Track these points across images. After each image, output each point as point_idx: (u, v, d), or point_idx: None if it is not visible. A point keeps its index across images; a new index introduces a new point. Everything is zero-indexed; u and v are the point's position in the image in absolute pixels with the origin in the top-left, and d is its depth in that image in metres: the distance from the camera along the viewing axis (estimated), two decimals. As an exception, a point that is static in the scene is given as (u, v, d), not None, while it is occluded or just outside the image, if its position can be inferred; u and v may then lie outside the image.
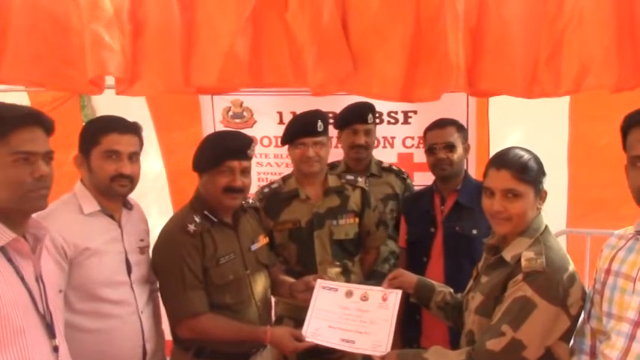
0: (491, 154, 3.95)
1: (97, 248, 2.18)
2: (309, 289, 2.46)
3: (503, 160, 2.02)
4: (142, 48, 2.28)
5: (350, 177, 2.97)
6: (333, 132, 3.82)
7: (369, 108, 3.20)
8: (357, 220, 2.89)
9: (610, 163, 3.67)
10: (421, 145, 3.83)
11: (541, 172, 2.02)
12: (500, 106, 3.77)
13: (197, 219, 2.33)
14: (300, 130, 2.75)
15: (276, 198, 2.86)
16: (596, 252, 1.95)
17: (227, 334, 2.31)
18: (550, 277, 1.88)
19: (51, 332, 1.69)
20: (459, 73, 2.14)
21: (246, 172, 2.39)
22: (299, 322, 2.45)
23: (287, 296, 2.64)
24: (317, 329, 2.31)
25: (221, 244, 2.38)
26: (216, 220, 2.39)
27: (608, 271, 1.78)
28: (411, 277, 2.39)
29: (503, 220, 2.01)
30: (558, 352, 1.93)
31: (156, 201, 4.10)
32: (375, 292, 2.36)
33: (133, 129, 2.29)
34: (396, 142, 3.90)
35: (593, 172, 3.76)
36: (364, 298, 2.35)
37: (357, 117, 3.16)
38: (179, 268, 2.27)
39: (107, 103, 3.97)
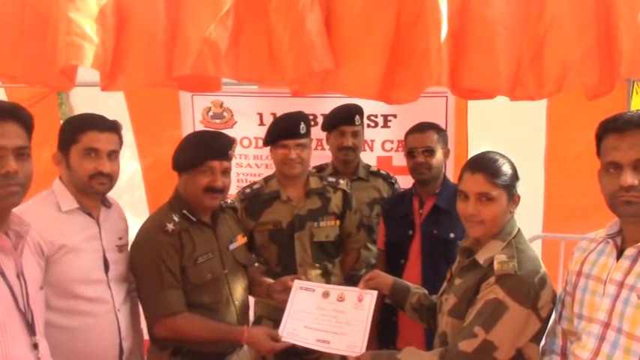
0: (470, 154, 3.99)
1: (74, 245, 2.17)
2: (287, 290, 2.48)
3: (478, 164, 2.07)
4: (124, 41, 2.29)
5: (331, 179, 3.00)
6: (315, 134, 3.92)
7: (356, 110, 3.24)
8: (337, 222, 2.92)
9: (585, 171, 3.77)
10: (400, 149, 3.92)
11: (514, 176, 2.07)
12: (479, 112, 3.86)
13: (176, 218, 2.35)
14: (283, 131, 2.76)
15: (257, 199, 2.88)
16: (571, 257, 2.01)
17: (204, 333, 2.32)
18: (521, 280, 1.93)
19: (31, 329, 1.69)
20: (441, 73, 2.17)
21: (226, 172, 2.41)
22: (278, 323, 2.47)
23: (264, 296, 2.67)
24: (294, 329, 2.33)
25: (199, 243, 2.39)
26: (195, 219, 2.40)
27: (579, 274, 1.84)
28: (387, 279, 2.43)
29: (476, 223, 2.05)
30: (529, 354, 1.98)
31: (131, 202, 4.11)
32: (351, 292, 2.39)
33: (113, 127, 2.29)
34: (376, 146, 3.95)
35: (568, 180, 3.85)
36: (340, 299, 2.38)
37: (345, 119, 3.20)
38: (157, 267, 2.28)
39: (85, 101, 3.97)
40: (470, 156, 3.83)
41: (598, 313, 1.71)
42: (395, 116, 3.92)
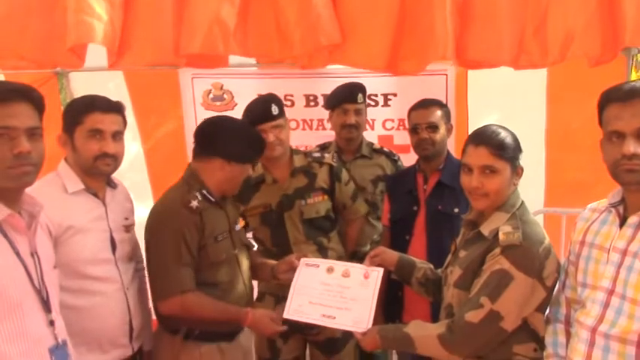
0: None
1: (81, 226, 2.19)
2: (292, 269, 2.50)
3: (482, 137, 2.09)
4: (132, 19, 2.29)
5: (316, 154, 3.00)
6: (316, 114, 3.93)
7: (359, 88, 3.25)
8: (325, 197, 2.93)
9: (586, 145, 3.80)
10: (401, 127, 3.92)
11: (517, 149, 2.09)
12: (479, 88, 3.86)
13: (199, 196, 2.36)
14: (256, 117, 2.74)
15: (245, 184, 2.83)
16: (572, 231, 2.03)
17: (211, 313, 2.35)
18: (527, 250, 1.95)
19: (47, 307, 1.71)
20: (446, 44, 2.19)
21: None
22: (280, 299, 2.55)
23: (269, 278, 2.69)
24: (299, 306, 2.35)
25: (217, 222, 2.42)
26: (213, 200, 2.42)
27: (582, 243, 1.86)
28: (392, 255, 2.45)
29: (480, 196, 2.07)
30: (534, 323, 2.02)
31: (134, 185, 4.10)
32: (356, 269, 2.40)
33: (116, 108, 2.30)
34: (376, 125, 3.94)
35: (569, 154, 3.87)
36: (345, 275, 2.40)
37: (347, 97, 3.21)
38: (177, 243, 2.29)
39: (85, 86, 3.96)
40: (470, 132, 3.89)
41: (602, 280, 1.73)
42: (395, 95, 3.91)
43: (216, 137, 2.41)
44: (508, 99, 3.82)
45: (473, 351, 2.02)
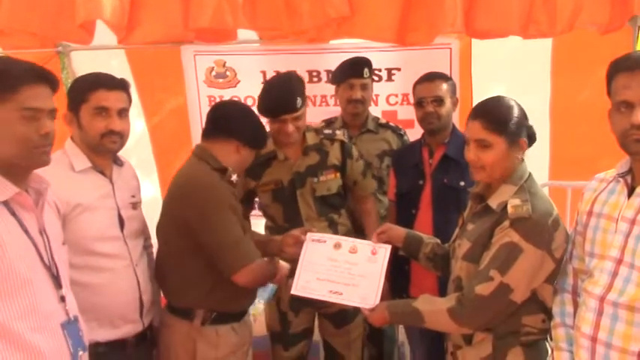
0: None
1: (89, 204, 2.20)
2: (299, 243, 2.50)
3: (478, 111, 2.10)
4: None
5: (328, 131, 2.98)
6: (319, 90, 3.90)
7: (364, 62, 3.23)
8: (337, 174, 2.92)
9: (591, 117, 3.79)
10: (405, 102, 3.90)
11: (517, 122, 2.06)
12: (484, 62, 3.83)
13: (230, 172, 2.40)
14: (280, 108, 2.70)
15: (256, 160, 2.82)
16: (577, 204, 2.03)
17: (268, 275, 2.45)
18: (536, 222, 1.95)
19: (57, 283, 1.73)
20: (455, 14, 2.18)
21: None
22: (292, 273, 2.52)
23: (278, 253, 2.68)
24: (306, 282, 2.34)
25: (235, 199, 2.44)
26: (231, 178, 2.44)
27: (590, 213, 1.86)
28: (400, 231, 2.45)
29: (478, 168, 2.09)
30: (543, 294, 2.03)
31: (139, 162, 4.11)
32: (364, 245, 2.39)
33: (121, 85, 2.30)
34: (380, 100, 3.91)
35: (574, 127, 3.85)
36: (353, 251, 2.38)
37: (354, 71, 3.19)
38: (235, 216, 2.31)
39: (87, 65, 3.94)
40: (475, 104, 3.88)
41: (610, 250, 1.74)
42: (399, 69, 3.88)
43: (236, 120, 2.41)
44: (512, 72, 3.80)
45: (483, 323, 2.04)
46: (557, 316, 1.97)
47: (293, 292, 2.35)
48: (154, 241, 2.52)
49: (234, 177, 2.36)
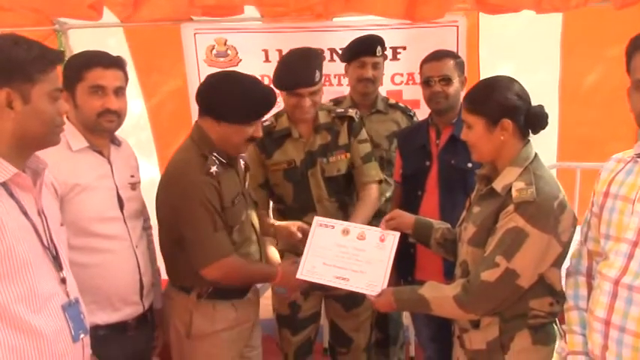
0: None
1: (87, 184, 2.18)
2: (291, 236, 2.55)
3: (468, 92, 2.15)
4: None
5: (340, 110, 2.94)
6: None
7: (377, 40, 3.18)
8: (347, 155, 2.88)
9: (600, 98, 3.76)
10: (411, 82, 3.89)
11: (499, 102, 2.03)
12: (492, 40, 3.81)
13: (216, 160, 2.31)
14: (298, 81, 2.65)
15: (269, 137, 2.82)
16: (586, 185, 2.00)
17: (247, 274, 2.38)
18: (541, 206, 1.93)
19: (57, 264, 1.71)
20: None
21: None
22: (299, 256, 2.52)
23: (270, 235, 2.72)
24: (313, 267, 2.33)
25: (231, 185, 2.38)
26: (225, 161, 2.36)
27: (606, 194, 1.81)
28: (409, 218, 2.42)
29: (471, 149, 2.14)
30: (550, 277, 2.01)
31: (138, 144, 4.08)
32: (372, 232, 2.37)
33: (117, 63, 2.26)
34: (385, 80, 3.76)
35: (583, 107, 3.84)
36: (361, 237, 2.37)
37: (366, 49, 3.14)
38: (209, 211, 2.26)
39: (84, 43, 3.89)
40: None
41: (627, 232, 1.69)
42: (404, 48, 3.84)
43: (207, 95, 2.34)
44: (521, 50, 3.76)
45: (490, 310, 2.03)
46: (570, 299, 1.94)
47: (299, 276, 2.34)
48: (154, 222, 2.49)
49: (213, 168, 2.27)
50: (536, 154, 2.08)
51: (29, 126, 1.63)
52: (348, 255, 2.34)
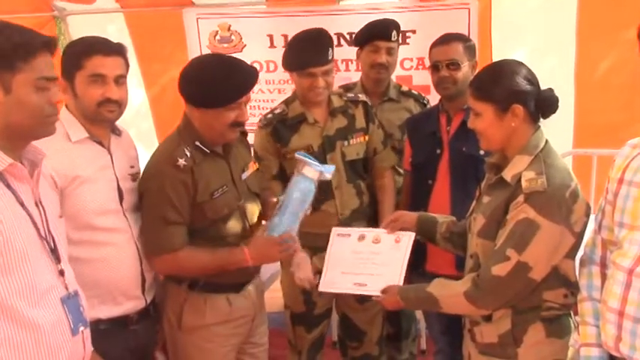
0: None
1: (87, 176, 2.17)
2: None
3: (471, 79, 2.15)
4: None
5: (350, 94, 2.95)
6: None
7: (393, 24, 3.13)
8: (366, 137, 2.91)
9: (617, 82, 3.73)
10: (421, 67, 3.88)
11: (507, 87, 2.02)
12: (504, 23, 3.78)
13: (188, 152, 2.28)
14: (310, 59, 2.66)
15: (283, 124, 2.81)
16: (602, 172, 1.98)
17: (207, 265, 2.32)
18: (552, 196, 1.91)
19: (55, 256, 1.71)
20: None
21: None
22: (317, 250, 2.61)
23: None
24: (332, 277, 2.40)
25: (214, 176, 2.35)
26: (208, 151, 2.34)
27: (620, 181, 1.80)
28: (411, 216, 2.44)
29: (479, 137, 2.13)
30: (564, 268, 2.00)
31: (139, 134, 4.09)
32: (387, 235, 2.43)
33: (118, 50, 2.23)
34: None
35: (600, 92, 3.81)
36: (376, 241, 2.43)
37: (380, 33, 3.09)
38: (162, 202, 2.26)
39: (84, 30, 3.90)
40: None
41: (641, 220, 1.69)
42: (414, 32, 3.83)
43: (182, 80, 2.32)
44: (535, 34, 3.73)
45: (502, 304, 2.03)
46: (583, 290, 1.93)
47: (321, 289, 2.41)
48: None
49: (181, 161, 2.25)
50: (546, 140, 2.06)
51: (13, 117, 1.60)
52: (364, 260, 2.39)
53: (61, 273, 1.72)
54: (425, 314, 3.18)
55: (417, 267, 2.79)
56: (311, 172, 2.38)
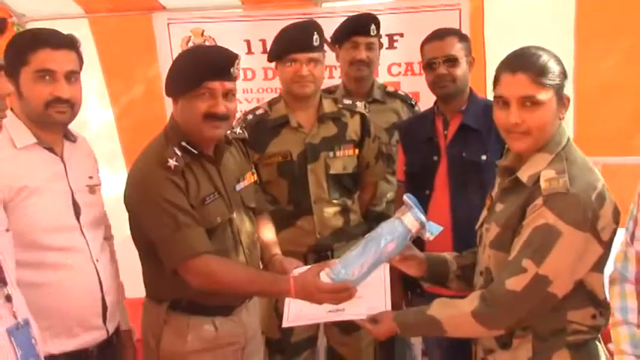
0: (489, 76, 3.80)
1: (36, 187, 1.99)
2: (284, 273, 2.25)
3: (519, 62, 1.81)
4: None
5: (347, 101, 2.82)
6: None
7: (371, 18, 3.05)
8: (356, 151, 2.78)
9: (618, 87, 3.59)
10: (409, 73, 3.76)
11: (563, 74, 1.82)
12: (498, 24, 3.67)
13: (178, 152, 2.11)
14: (293, 44, 2.58)
15: (262, 127, 2.67)
16: (608, 183, 1.78)
17: (242, 280, 2.10)
18: (575, 198, 1.71)
19: (1, 279, 1.52)
20: None
21: (230, 94, 2.13)
22: (321, 258, 2.56)
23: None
24: (300, 310, 2.09)
25: (203, 181, 2.16)
26: (196, 152, 2.16)
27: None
28: (419, 260, 2.13)
29: (520, 134, 1.81)
30: (591, 283, 1.78)
31: (104, 155, 3.87)
32: None
33: (70, 43, 2.07)
34: (381, 70, 3.70)
35: (601, 97, 3.67)
36: None
37: (358, 28, 3.00)
38: (164, 207, 2.05)
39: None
40: (488, 73, 3.65)
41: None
42: (401, 35, 3.71)
43: (167, 74, 2.19)
44: (531, 37, 3.54)
45: (516, 322, 1.80)
46: (617, 312, 1.77)
47: (285, 325, 2.11)
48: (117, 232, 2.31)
49: (171, 161, 2.07)
50: (569, 137, 1.86)
51: None
52: None
53: (8, 298, 1.52)
54: (424, 340, 2.97)
55: (415, 286, 2.64)
56: (411, 221, 2.02)
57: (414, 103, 3.24)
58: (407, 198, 2.01)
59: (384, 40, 3.63)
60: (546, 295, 1.73)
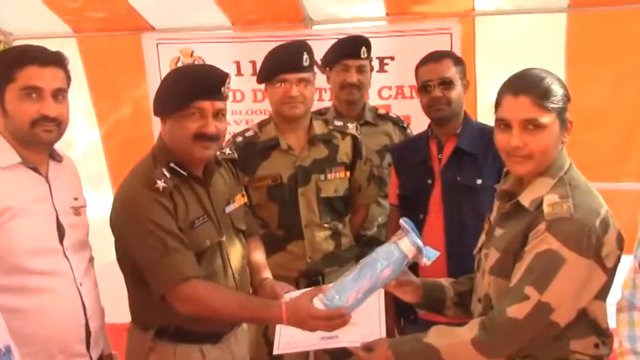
0: (479, 101, 3.81)
1: (19, 208, 1.92)
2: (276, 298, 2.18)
3: (522, 84, 1.77)
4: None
5: (338, 123, 2.78)
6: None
7: (362, 41, 3.01)
8: (348, 173, 2.73)
9: (607, 112, 3.59)
10: (400, 96, 3.78)
11: (567, 97, 1.79)
12: (489, 49, 3.70)
13: (166, 173, 2.04)
14: (282, 64, 2.54)
15: (251, 149, 2.62)
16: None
17: (232, 306, 2.01)
18: (579, 224, 1.66)
19: None
20: None
21: (220, 114, 2.07)
22: (314, 283, 2.52)
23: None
24: (291, 337, 2.02)
25: (191, 203, 2.10)
26: (185, 173, 2.09)
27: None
28: (415, 286, 2.08)
29: (522, 158, 1.77)
30: (594, 312, 1.74)
31: (90, 176, 3.83)
32: None
33: (57, 60, 2.01)
34: (372, 93, 3.70)
35: (590, 122, 3.63)
36: None
37: (349, 51, 2.98)
38: (152, 231, 1.99)
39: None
40: (478, 97, 3.64)
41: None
42: (392, 59, 3.73)
43: (156, 93, 2.15)
44: (522, 61, 3.54)
45: (517, 351, 1.76)
46: (625, 341, 1.70)
47: (276, 352, 2.03)
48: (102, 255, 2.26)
49: (159, 183, 2.01)
50: (571, 162, 1.83)
51: None
52: None
53: None
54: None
55: (408, 313, 2.59)
56: (407, 246, 1.95)
57: (405, 125, 3.21)
58: (403, 222, 1.95)
59: (375, 64, 3.60)
60: (548, 324, 1.69)
